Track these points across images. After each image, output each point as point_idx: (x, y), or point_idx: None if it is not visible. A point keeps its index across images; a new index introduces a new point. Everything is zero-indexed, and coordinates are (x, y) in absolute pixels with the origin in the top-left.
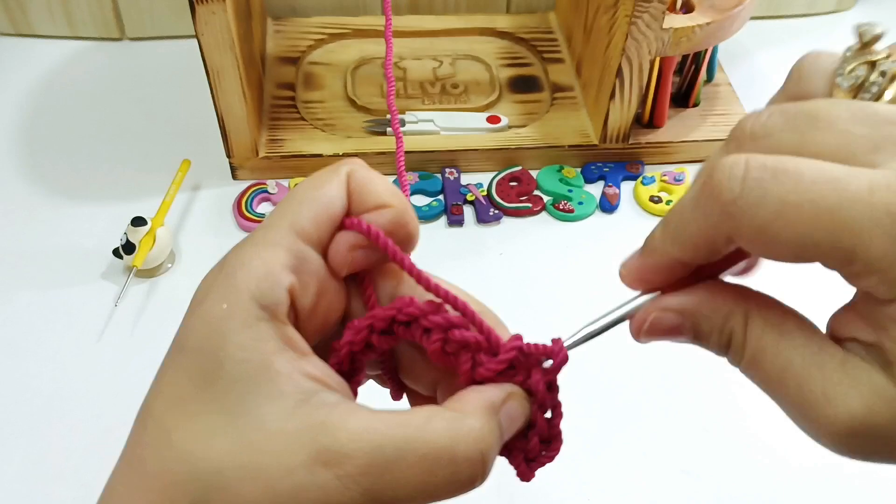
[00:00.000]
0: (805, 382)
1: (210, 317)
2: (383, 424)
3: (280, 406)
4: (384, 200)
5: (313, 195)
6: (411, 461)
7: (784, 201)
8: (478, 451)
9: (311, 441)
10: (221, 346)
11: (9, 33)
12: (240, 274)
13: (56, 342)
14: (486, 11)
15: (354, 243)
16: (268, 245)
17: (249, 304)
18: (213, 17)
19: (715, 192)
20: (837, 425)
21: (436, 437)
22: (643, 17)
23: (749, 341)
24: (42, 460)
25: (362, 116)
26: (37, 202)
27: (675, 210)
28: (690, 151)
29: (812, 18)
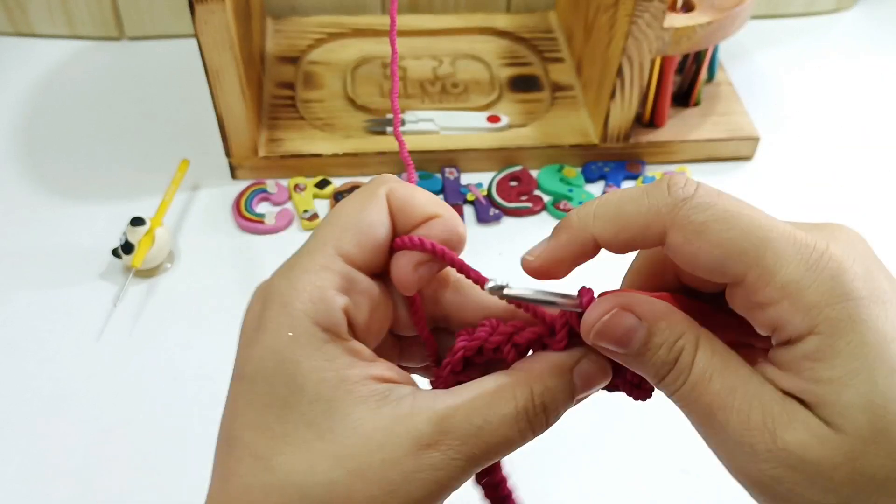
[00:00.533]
0: (747, 414)
1: (278, 345)
2: (464, 400)
3: (365, 410)
4: (431, 212)
5: (356, 220)
6: (495, 424)
7: (727, 210)
8: (542, 404)
9: (407, 430)
10: (297, 371)
11: (8, 33)
12: (297, 302)
13: (55, 342)
14: (485, 11)
15: (417, 262)
16: (317, 270)
17: (313, 329)
18: (212, 17)
19: (672, 189)
20: (775, 456)
21: (509, 397)
22: (644, 16)
23: (697, 363)
24: (42, 460)
25: (362, 116)
26: (35, 202)
27: (611, 194)
28: (691, 151)
29: (812, 18)
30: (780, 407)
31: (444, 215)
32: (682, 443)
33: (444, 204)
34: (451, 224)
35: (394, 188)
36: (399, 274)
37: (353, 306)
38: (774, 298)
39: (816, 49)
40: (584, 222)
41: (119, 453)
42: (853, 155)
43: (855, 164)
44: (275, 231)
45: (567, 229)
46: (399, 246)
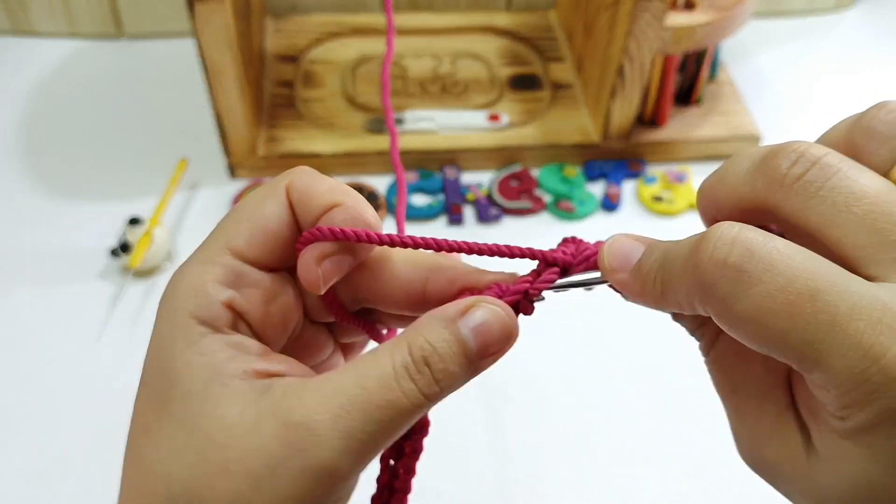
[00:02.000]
0: (744, 410)
1: (158, 340)
2: (338, 374)
3: (237, 404)
4: (330, 201)
5: (249, 214)
6: (371, 387)
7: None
8: (421, 357)
9: (273, 416)
10: (170, 366)
11: (8, 32)
12: (178, 294)
13: (54, 342)
14: (486, 9)
15: (318, 255)
16: (201, 262)
17: (189, 322)
18: (212, 16)
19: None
20: (752, 458)
21: (384, 359)
22: (644, 15)
23: (716, 349)
24: (41, 460)
25: (362, 115)
26: (33, 201)
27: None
28: (693, 150)
29: (813, 17)
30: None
31: (344, 203)
32: (682, 443)
33: (348, 190)
34: (353, 211)
35: (294, 180)
36: (302, 273)
37: (242, 300)
38: (812, 384)
39: (817, 48)
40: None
41: (119, 453)
42: None
43: None
44: None
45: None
46: (301, 242)
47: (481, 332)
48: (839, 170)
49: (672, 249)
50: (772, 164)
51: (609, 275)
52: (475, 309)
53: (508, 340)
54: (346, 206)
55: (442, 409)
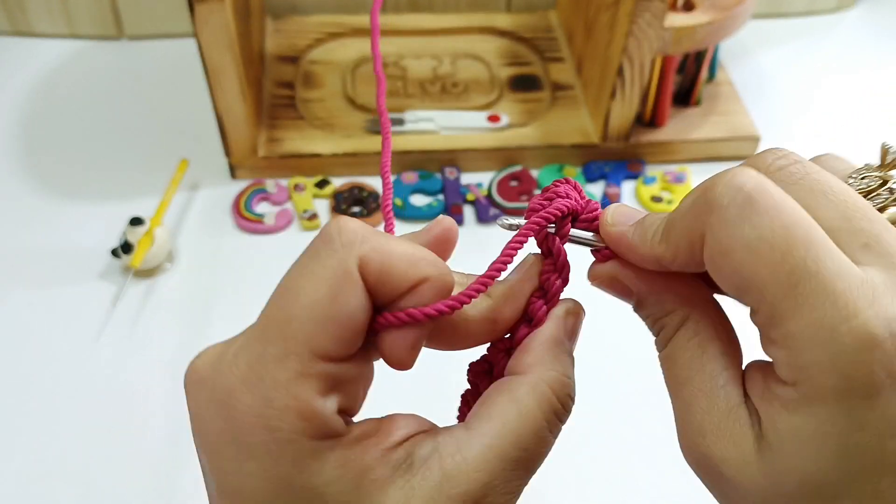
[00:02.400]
0: (694, 404)
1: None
2: (491, 436)
3: (396, 492)
4: (416, 277)
5: (329, 312)
6: (530, 445)
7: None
8: (566, 395)
9: (449, 498)
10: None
11: (8, 32)
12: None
13: (54, 342)
14: (486, 10)
15: (413, 343)
16: (297, 380)
17: (311, 445)
18: (211, 16)
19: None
20: (698, 453)
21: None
22: (644, 15)
23: (673, 342)
24: (42, 460)
25: (362, 115)
26: (34, 201)
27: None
28: (692, 150)
29: (813, 17)
30: (723, 415)
31: (432, 276)
32: None
33: (425, 255)
34: (440, 283)
35: (366, 256)
36: (395, 357)
37: (346, 398)
38: (776, 340)
39: (817, 49)
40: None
41: (118, 453)
42: (854, 154)
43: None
44: (274, 231)
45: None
46: (384, 326)
47: (575, 330)
48: (818, 169)
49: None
50: (760, 158)
51: (609, 228)
52: (567, 318)
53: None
54: (434, 280)
55: (442, 409)
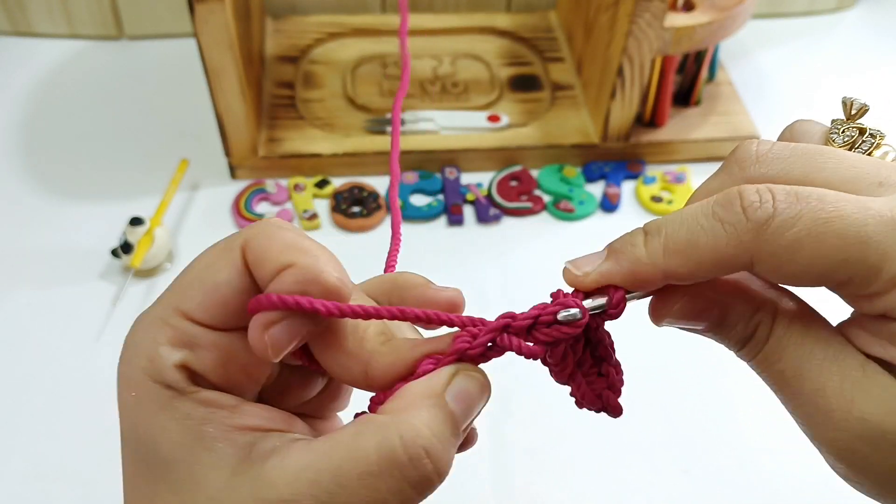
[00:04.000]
0: (824, 379)
1: (127, 407)
2: (316, 456)
3: (220, 471)
4: (283, 262)
5: (201, 277)
6: (352, 487)
7: (815, 219)
8: (419, 448)
9: (254, 495)
10: (148, 433)
11: (8, 32)
12: (135, 359)
13: (54, 342)
14: (486, 10)
15: (264, 322)
16: (153, 323)
17: (152, 386)
18: (211, 17)
19: (748, 211)
20: (850, 425)
21: (367, 451)
22: (644, 15)
23: (773, 335)
24: (41, 460)
25: (362, 115)
26: (34, 201)
27: (677, 224)
28: (692, 151)
29: (813, 17)
30: (860, 373)
31: (297, 263)
32: (682, 443)
33: (307, 247)
34: (306, 272)
35: (251, 239)
36: (251, 340)
37: (197, 361)
38: (881, 291)
39: (817, 49)
40: (653, 258)
41: (118, 453)
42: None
43: None
44: None
45: (630, 259)
46: (250, 309)
47: (465, 400)
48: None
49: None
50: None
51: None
52: (457, 378)
53: (485, 401)
54: (298, 267)
55: None
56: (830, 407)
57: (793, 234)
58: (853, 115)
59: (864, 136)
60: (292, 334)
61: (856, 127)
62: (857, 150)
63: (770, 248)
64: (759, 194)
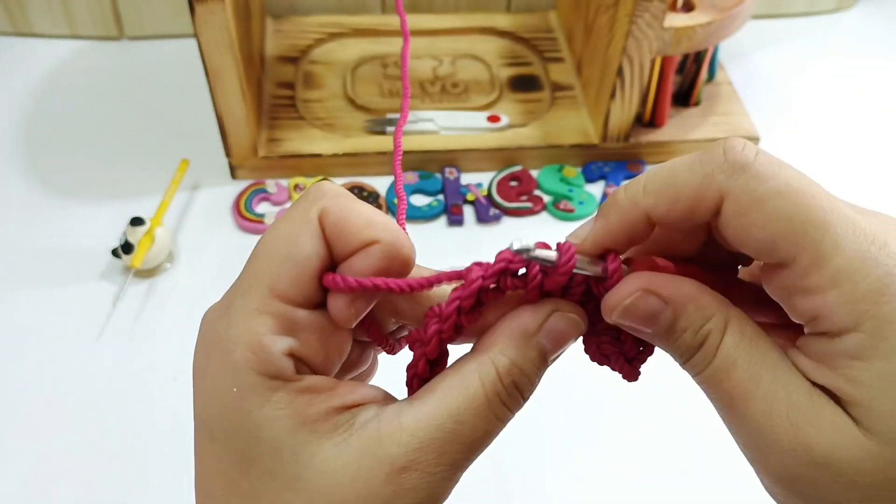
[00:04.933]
0: (770, 404)
1: (226, 399)
2: (429, 405)
3: (330, 447)
4: (367, 237)
5: (288, 252)
6: (468, 421)
7: (788, 184)
8: (511, 383)
9: (378, 458)
10: (250, 424)
11: (8, 33)
12: (237, 353)
13: (55, 342)
14: (486, 10)
15: (352, 299)
16: (254, 314)
17: (257, 380)
18: (212, 17)
19: (728, 153)
20: (796, 453)
21: (475, 388)
22: (644, 16)
23: (723, 348)
24: (42, 460)
25: (362, 116)
26: (35, 201)
27: (660, 167)
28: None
29: (813, 18)
30: (807, 400)
31: (383, 240)
32: (682, 444)
33: (386, 221)
34: (390, 250)
35: (327, 208)
36: (334, 312)
37: (301, 345)
38: (823, 286)
39: (817, 49)
40: (633, 198)
41: (119, 453)
42: (854, 155)
43: (855, 164)
44: None
45: (615, 208)
46: (328, 285)
47: (558, 339)
48: None
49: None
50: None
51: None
52: (552, 318)
53: (578, 337)
54: (384, 245)
55: None
56: (777, 433)
57: (765, 187)
58: None
59: None
60: (368, 304)
61: None
62: None
63: (738, 194)
64: (744, 144)
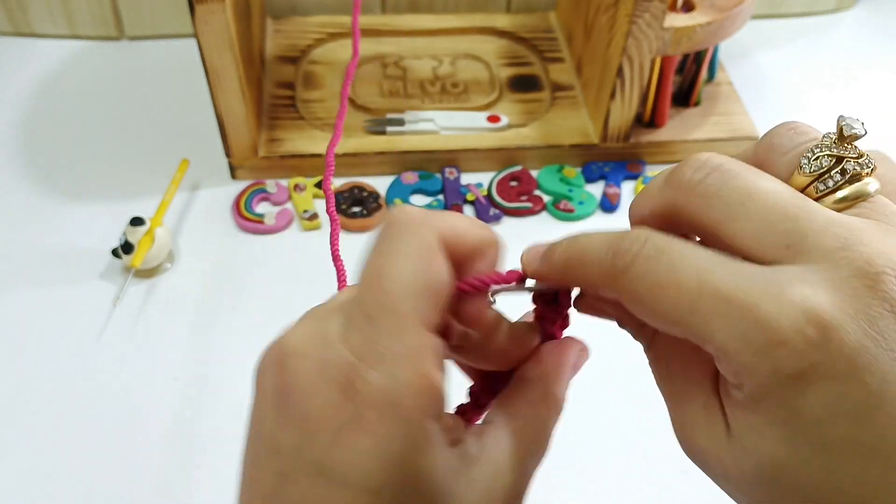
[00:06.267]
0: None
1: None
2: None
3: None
4: (481, 243)
5: (427, 281)
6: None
7: (658, 282)
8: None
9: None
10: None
11: (8, 33)
12: (407, 400)
13: (55, 342)
14: (486, 10)
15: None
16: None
17: (433, 428)
18: (212, 17)
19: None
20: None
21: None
22: (644, 16)
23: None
24: (42, 460)
25: (362, 116)
26: (35, 202)
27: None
28: (691, 151)
29: (812, 18)
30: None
31: (494, 241)
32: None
33: (486, 228)
34: (497, 248)
35: (441, 230)
36: (475, 319)
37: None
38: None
39: (817, 49)
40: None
41: (119, 453)
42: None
43: None
44: (274, 231)
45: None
46: (464, 290)
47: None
48: (737, 174)
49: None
50: (677, 174)
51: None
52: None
53: None
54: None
55: None
56: (679, 422)
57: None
58: (844, 137)
59: (836, 171)
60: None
61: (833, 155)
62: (820, 185)
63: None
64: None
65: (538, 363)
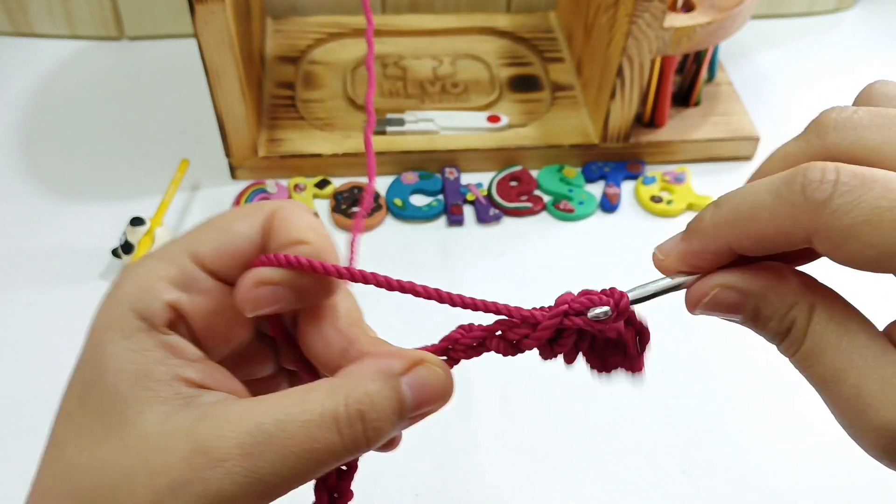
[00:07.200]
0: (862, 384)
1: (94, 327)
2: (263, 405)
3: (158, 410)
4: (300, 237)
5: (222, 225)
6: (292, 431)
7: (875, 206)
8: (356, 411)
9: (187, 436)
10: (101, 358)
11: (8, 33)
12: (124, 286)
13: (54, 342)
14: (486, 10)
15: (258, 279)
16: (157, 260)
17: (128, 315)
18: (212, 17)
19: (807, 190)
20: (890, 430)
21: (314, 403)
22: (644, 16)
23: (810, 334)
24: None
25: (362, 115)
26: (35, 202)
27: (741, 197)
28: (692, 151)
29: (813, 18)
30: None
31: (313, 244)
32: (682, 443)
33: (325, 236)
34: (315, 253)
35: (280, 208)
36: (237, 289)
37: (189, 303)
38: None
39: (817, 49)
40: (717, 228)
41: None
42: None
43: None
44: None
45: (698, 234)
46: (259, 263)
47: (421, 391)
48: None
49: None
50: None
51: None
52: (420, 367)
53: (443, 402)
54: (313, 247)
55: None
56: (868, 412)
57: (850, 218)
58: None
59: None
60: (276, 299)
61: None
62: None
63: (825, 230)
64: (823, 173)
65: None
